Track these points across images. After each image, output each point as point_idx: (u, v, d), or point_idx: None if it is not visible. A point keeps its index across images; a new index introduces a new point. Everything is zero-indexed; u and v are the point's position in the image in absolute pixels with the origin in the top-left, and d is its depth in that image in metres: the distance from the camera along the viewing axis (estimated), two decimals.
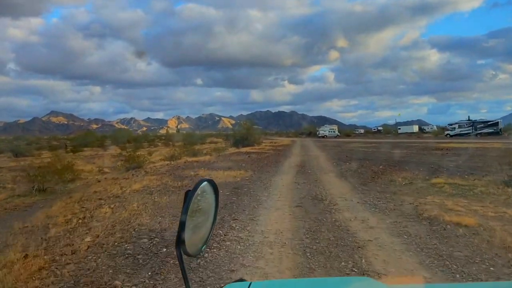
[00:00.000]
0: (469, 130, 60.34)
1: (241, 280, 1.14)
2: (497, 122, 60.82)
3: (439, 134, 67.67)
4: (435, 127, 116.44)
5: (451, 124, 66.45)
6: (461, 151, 23.42)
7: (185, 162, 21.22)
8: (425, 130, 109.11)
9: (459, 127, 61.89)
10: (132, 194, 10.22)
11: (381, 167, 15.17)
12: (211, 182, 1.17)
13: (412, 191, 9.90)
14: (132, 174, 16.48)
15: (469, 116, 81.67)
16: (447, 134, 63.29)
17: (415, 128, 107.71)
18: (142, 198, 9.55)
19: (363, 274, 4.37)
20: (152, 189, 10.86)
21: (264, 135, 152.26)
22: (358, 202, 8.63)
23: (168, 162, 22.53)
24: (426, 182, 11.16)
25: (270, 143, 50.40)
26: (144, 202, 9.06)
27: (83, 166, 23.54)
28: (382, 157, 20.69)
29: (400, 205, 8.22)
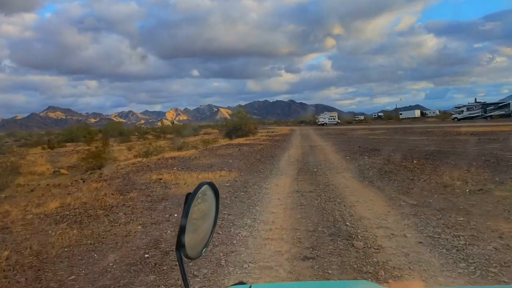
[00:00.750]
0: (479, 112, 56.15)
1: (241, 283, 1.13)
2: (508, 104, 56.62)
3: (446, 118, 63.35)
4: (437, 111, 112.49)
5: (458, 107, 62.15)
6: (494, 136, 19.25)
7: (159, 159, 17.06)
8: (427, 114, 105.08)
9: (468, 109, 57.61)
10: (26, 225, 6.09)
11: (414, 161, 11.00)
12: (212, 185, 1.14)
13: (498, 207, 5.77)
14: (81, 179, 12.35)
15: (475, 98, 77.43)
16: (455, 117, 59.08)
17: (417, 113, 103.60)
18: (31, 236, 5.43)
19: None
20: (68, 213, 6.71)
21: (262, 124, 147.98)
22: (420, 243, 4.50)
23: (140, 159, 18.39)
24: (505, 186, 7.03)
25: (267, 133, 46.22)
26: (25, 247, 4.92)
27: (39, 167, 19.44)
28: (404, 146, 16.56)
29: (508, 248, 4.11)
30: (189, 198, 0.98)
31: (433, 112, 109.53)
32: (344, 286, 1.31)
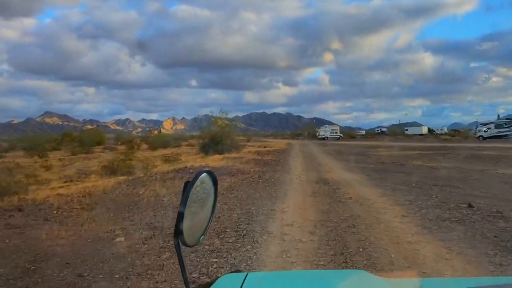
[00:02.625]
0: (510, 130, 47.08)
1: (238, 271, 1.21)
2: None
3: (467, 137, 54.04)
4: (445, 128, 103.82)
5: (484, 124, 53.04)
6: None
7: None
8: (434, 131, 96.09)
9: (496, 127, 48.47)
10: None
11: None
12: (210, 174, 1.13)
13: None
14: None
15: (498, 115, 68.73)
16: (480, 136, 49.95)
17: (424, 130, 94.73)
18: None
19: None
20: None
21: (257, 136, 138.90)
22: None
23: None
24: None
25: (259, 147, 36.76)
26: None
27: None
28: None
29: None
30: (188, 186, 0.97)
31: (441, 129, 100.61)
32: (339, 275, 1.39)
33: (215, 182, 1.15)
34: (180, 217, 0.94)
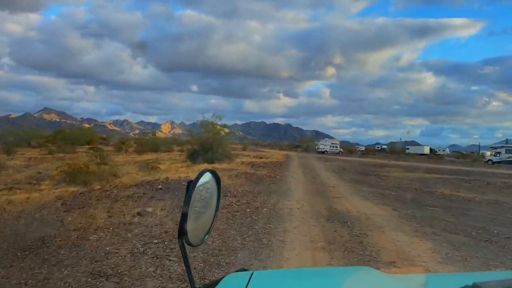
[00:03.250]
0: None
1: (243, 269, 1.14)
2: None
3: (478, 160, 50.93)
4: (447, 149, 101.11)
5: (494, 148, 50.24)
6: None
7: None
8: (436, 152, 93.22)
9: (507, 151, 45.54)
10: None
11: None
12: (213, 173, 1.13)
13: None
14: None
15: (507, 139, 65.96)
16: (489, 160, 47.05)
17: (426, 150, 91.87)
18: None
19: None
20: None
21: (255, 145, 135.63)
22: None
23: None
24: None
25: (254, 157, 33.61)
26: None
27: None
28: None
29: None
30: (191, 185, 0.97)
31: (443, 150, 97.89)
32: (345, 272, 1.37)
33: (218, 181, 1.13)
34: (183, 217, 0.93)
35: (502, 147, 48.09)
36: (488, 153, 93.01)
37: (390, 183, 15.58)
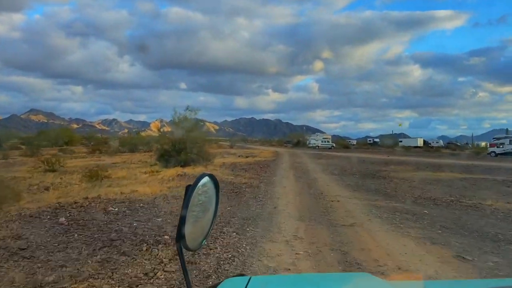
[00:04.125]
0: None
1: (241, 274, 1.13)
2: None
3: (481, 152, 47.47)
4: (441, 141, 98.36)
5: (498, 138, 47.01)
6: None
7: None
8: (430, 144, 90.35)
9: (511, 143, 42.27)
10: None
11: None
12: (212, 177, 1.12)
13: None
14: None
15: (507, 129, 63.00)
16: (492, 152, 43.77)
17: (420, 142, 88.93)
18: None
19: None
20: None
21: (244, 142, 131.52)
22: None
23: None
24: None
25: (239, 156, 29.72)
26: None
27: None
28: None
29: None
30: (190, 189, 0.96)
31: (437, 142, 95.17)
32: (344, 278, 1.34)
33: (216, 185, 1.13)
34: (182, 221, 0.92)
35: (505, 137, 44.81)
36: (483, 143, 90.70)
37: (408, 190, 11.77)
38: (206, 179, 1.07)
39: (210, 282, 3.87)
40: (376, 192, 11.14)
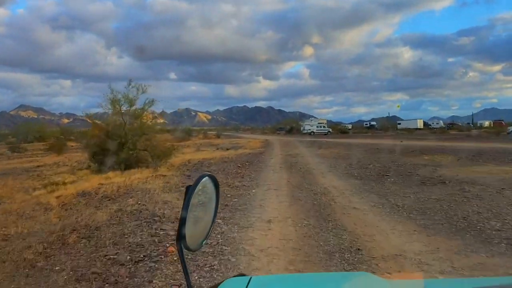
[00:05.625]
0: None
1: (241, 274, 1.13)
2: None
3: (501, 132, 41.15)
4: (441, 122, 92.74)
5: None
6: None
7: None
8: (430, 125, 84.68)
9: None
10: None
11: None
12: (212, 178, 1.10)
13: None
14: None
15: None
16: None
17: (420, 123, 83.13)
18: None
19: None
20: None
21: (235, 130, 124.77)
22: None
23: None
24: None
25: (218, 149, 23.31)
26: None
27: None
28: None
29: None
30: (190, 190, 0.95)
31: (437, 123, 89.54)
32: (343, 277, 1.33)
33: (216, 186, 1.12)
34: (182, 221, 0.92)
35: None
36: (486, 123, 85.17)
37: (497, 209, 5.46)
38: (206, 179, 1.04)
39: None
40: (465, 230, 4.80)
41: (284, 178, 10.31)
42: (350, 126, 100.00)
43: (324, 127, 63.01)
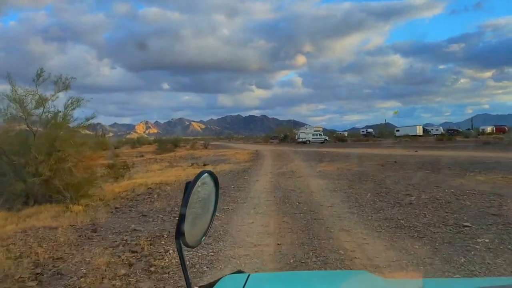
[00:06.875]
0: None
1: (240, 271, 1.12)
2: None
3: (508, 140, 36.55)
4: (441, 128, 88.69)
5: None
6: None
7: None
8: (430, 132, 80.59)
9: None
10: None
11: None
12: (211, 174, 1.09)
13: None
14: None
15: None
16: None
17: (419, 130, 78.93)
18: None
19: None
20: None
21: (227, 139, 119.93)
22: None
23: None
24: None
25: (193, 165, 18.54)
26: None
27: None
28: None
29: None
30: (189, 186, 0.94)
31: (436, 129, 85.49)
32: (341, 275, 1.33)
33: (216, 182, 1.10)
34: (181, 218, 0.90)
35: None
36: (489, 128, 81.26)
37: None
38: (206, 176, 1.02)
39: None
40: None
41: (270, 233, 5.49)
42: (346, 134, 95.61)
43: (320, 135, 58.37)
